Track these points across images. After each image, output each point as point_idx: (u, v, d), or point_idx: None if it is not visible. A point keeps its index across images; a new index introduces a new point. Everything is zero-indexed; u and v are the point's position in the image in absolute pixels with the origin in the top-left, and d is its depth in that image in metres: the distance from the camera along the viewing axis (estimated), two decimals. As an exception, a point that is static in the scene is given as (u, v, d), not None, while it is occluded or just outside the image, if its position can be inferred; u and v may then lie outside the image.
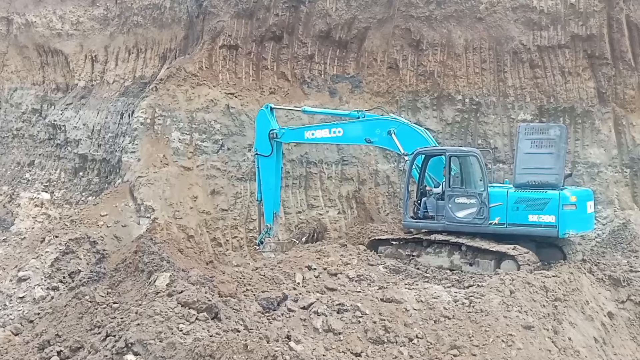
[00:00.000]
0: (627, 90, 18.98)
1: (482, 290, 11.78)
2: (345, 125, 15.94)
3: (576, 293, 12.10)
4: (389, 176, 18.59)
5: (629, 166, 18.46)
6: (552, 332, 10.93)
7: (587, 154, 18.47)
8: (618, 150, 18.73)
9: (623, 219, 17.00)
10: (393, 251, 15.15)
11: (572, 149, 18.89)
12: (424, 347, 10.30)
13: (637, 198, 18.21)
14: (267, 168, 16.24)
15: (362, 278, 12.48)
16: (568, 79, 19.20)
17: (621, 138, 18.86)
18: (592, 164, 18.34)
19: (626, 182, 18.32)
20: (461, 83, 19.21)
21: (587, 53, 19.18)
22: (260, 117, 16.48)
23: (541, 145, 14.08)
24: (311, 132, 16.14)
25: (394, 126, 15.31)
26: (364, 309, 11.02)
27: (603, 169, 18.31)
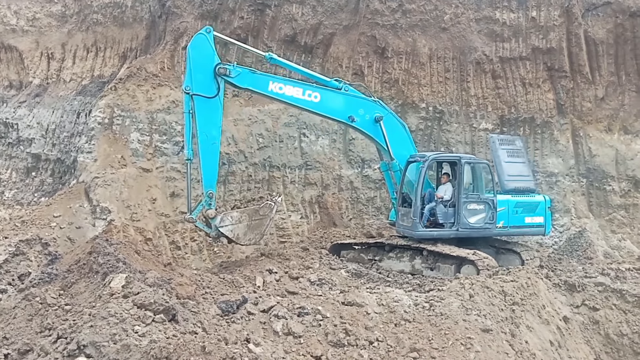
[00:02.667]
0: (585, 102, 19.70)
1: (442, 294, 11.97)
2: (326, 92, 13.67)
3: (533, 297, 12.40)
4: (352, 181, 18.75)
5: (585, 176, 19.13)
6: (509, 336, 11.18)
7: (545, 164, 19.05)
8: (575, 161, 19.41)
9: (579, 227, 17.57)
10: (355, 255, 15.28)
11: (531, 158, 19.46)
12: (384, 350, 10.38)
13: (592, 207, 18.89)
14: (209, 114, 12.58)
15: (323, 282, 12.51)
16: (528, 90, 19.82)
17: (578, 149, 19.56)
18: (551, 173, 18.93)
19: (582, 192, 18.99)
20: (425, 91, 19.58)
21: (546, 65, 19.85)
22: (199, 45, 12.67)
23: (513, 154, 15.22)
24: (279, 85, 13.29)
25: (381, 112, 14.25)
26: (324, 312, 11.04)
27: (561, 179, 18.93)
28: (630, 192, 18.76)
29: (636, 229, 18.37)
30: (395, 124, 14.65)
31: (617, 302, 13.34)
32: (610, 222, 18.49)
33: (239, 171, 17.76)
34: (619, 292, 13.40)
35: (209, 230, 13.40)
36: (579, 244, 16.04)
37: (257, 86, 13.34)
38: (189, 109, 12.67)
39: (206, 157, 12.92)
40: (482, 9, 19.61)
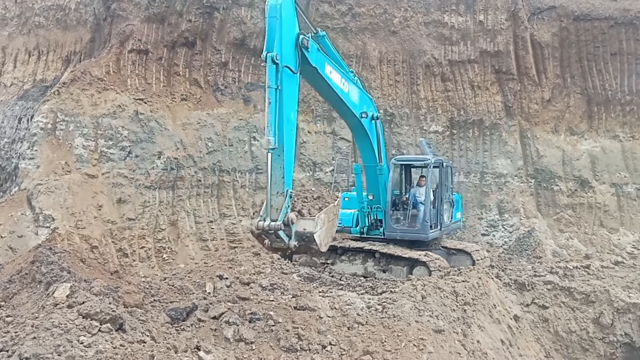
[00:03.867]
0: (532, 104, 20.34)
1: (395, 296, 12.08)
2: (351, 83, 12.80)
3: (484, 297, 12.68)
4: (304, 185, 18.79)
5: (533, 177, 19.74)
6: (461, 335, 11.39)
7: (494, 165, 19.58)
8: (523, 162, 20.00)
9: (528, 227, 18.10)
10: (307, 259, 15.27)
11: (480, 160, 19.97)
12: (337, 354, 10.40)
13: (541, 207, 19.50)
14: (291, 93, 10.18)
15: (275, 287, 12.44)
16: (477, 92, 20.34)
17: (526, 150, 20.16)
18: (500, 174, 19.46)
19: (531, 192, 19.58)
20: (376, 94, 19.81)
21: (494, 68, 20.42)
22: (288, 7, 10.22)
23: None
24: (330, 68, 11.87)
25: (376, 112, 13.56)
26: (276, 317, 10.98)
27: (510, 179, 19.47)
28: (576, 192, 19.46)
29: (583, 228, 19.06)
30: (381, 126, 14.15)
31: (565, 299, 13.79)
32: (558, 222, 19.13)
33: (187, 176, 17.56)
34: (567, 290, 13.85)
35: (287, 239, 10.34)
36: (528, 243, 16.54)
37: (320, 66, 11.38)
38: (277, 84, 9.70)
39: (289, 147, 10.29)
40: (431, 13, 20.04)
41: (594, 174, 19.87)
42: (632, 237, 18.91)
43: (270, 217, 9.73)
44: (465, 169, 19.35)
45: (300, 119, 19.31)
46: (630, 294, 13.80)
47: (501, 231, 18.91)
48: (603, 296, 13.56)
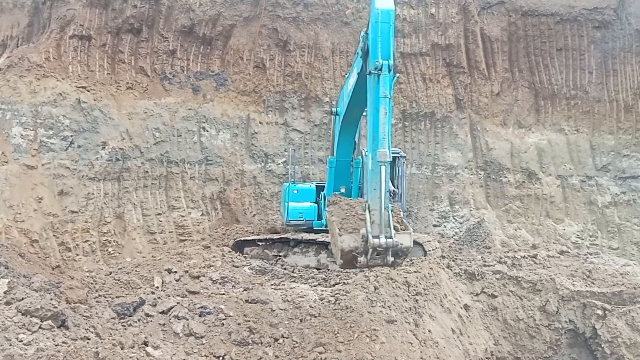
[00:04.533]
0: (482, 97, 20.77)
1: (348, 288, 12.16)
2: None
3: (435, 287, 12.91)
4: (255, 176, 18.66)
5: (483, 168, 20.18)
6: (413, 325, 11.57)
7: (445, 157, 19.93)
8: (473, 154, 20.43)
9: (478, 218, 18.51)
10: (259, 252, 15.21)
11: (432, 152, 20.29)
12: (290, 347, 10.39)
13: (490, 198, 19.99)
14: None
15: (226, 280, 12.33)
16: (429, 85, 20.63)
17: (476, 142, 20.60)
18: (450, 166, 19.82)
19: (481, 184, 20.04)
20: (328, 85, 19.85)
21: (445, 61, 20.75)
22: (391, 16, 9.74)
23: None
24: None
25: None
26: (227, 311, 10.90)
27: (460, 171, 19.86)
28: (524, 184, 20.02)
29: (530, 219, 19.64)
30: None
31: (513, 288, 14.17)
32: (506, 213, 19.65)
33: (134, 167, 17.12)
34: (515, 279, 14.24)
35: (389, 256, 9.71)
36: (478, 234, 16.91)
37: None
38: (391, 93, 9.58)
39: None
40: (383, 5, 20.15)
41: (540, 166, 20.49)
42: (576, 227, 19.63)
43: (382, 233, 9.16)
44: (417, 161, 19.61)
45: (251, 109, 19.17)
46: (574, 282, 14.31)
47: (452, 222, 19.29)
48: (549, 285, 14.00)
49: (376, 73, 9.18)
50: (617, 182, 20.57)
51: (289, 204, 15.11)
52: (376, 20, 9.25)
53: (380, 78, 9.18)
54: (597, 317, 13.30)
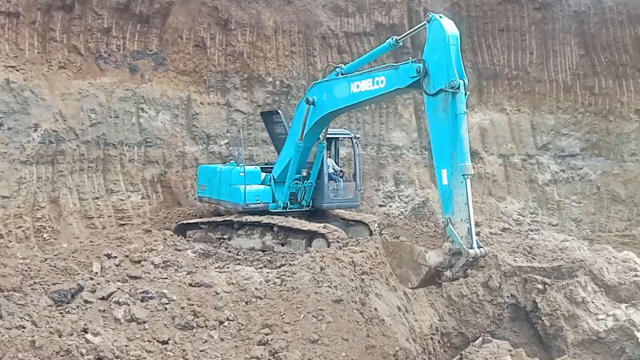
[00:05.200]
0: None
1: (294, 269, 12.28)
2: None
3: (381, 266, 13.19)
4: (197, 158, 18.45)
5: (427, 148, 20.61)
6: (359, 304, 11.79)
7: (391, 137, 20.25)
8: (418, 134, 20.83)
9: (423, 197, 18.94)
10: (202, 235, 15.15)
11: (377, 132, 20.57)
12: (235, 329, 10.44)
13: (434, 178, 20.41)
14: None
15: (168, 264, 12.25)
16: (373, 65, 20.74)
17: (421, 122, 21.00)
18: (395, 146, 20.16)
19: (425, 164, 20.48)
20: (271, 65, 19.76)
21: (390, 41, 20.96)
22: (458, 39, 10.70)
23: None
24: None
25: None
26: (171, 295, 10.84)
27: (405, 151, 20.24)
28: (467, 163, 20.53)
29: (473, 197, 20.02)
30: None
31: (457, 265, 14.59)
32: (450, 192, 20.13)
33: (69, 150, 16.58)
34: (459, 256, 14.66)
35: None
36: (423, 213, 17.33)
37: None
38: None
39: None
40: (327, -17, 20.20)
41: (483, 146, 21.09)
42: (518, 205, 20.37)
43: (474, 244, 9.72)
44: (362, 141, 19.81)
45: (192, 89, 18.89)
46: (516, 258, 14.90)
47: (397, 202, 19.66)
48: (491, 261, 14.53)
49: (452, 91, 9.95)
50: (557, 160, 21.41)
51: (246, 187, 15.02)
52: (446, 42, 10.18)
53: (457, 96, 10.00)
54: (537, 292, 13.90)
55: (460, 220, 9.83)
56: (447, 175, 10.12)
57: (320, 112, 14.01)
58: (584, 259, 14.88)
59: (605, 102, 21.54)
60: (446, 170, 10.12)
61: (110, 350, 8.79)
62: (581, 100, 21.81)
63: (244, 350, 9.77)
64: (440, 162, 10.37)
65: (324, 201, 15.61)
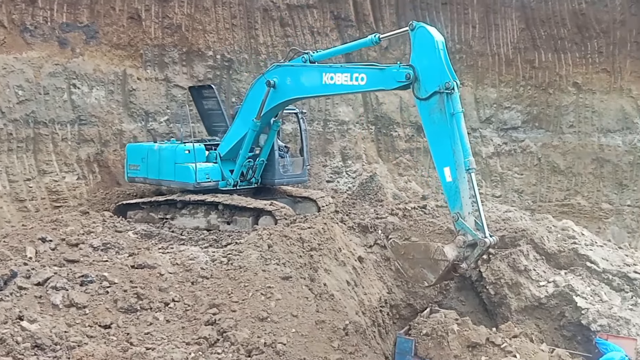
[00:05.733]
0: (370, 52, 21.13)
1: (241, 247, 12.18)
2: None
3: (330, 242, 13.22)
4: (136, 136, 17.90)
5: (373, 123, 20.72)
6: (308, 280, 11.81)
7: (337, 112, 20.21)
8: (364, 109, 20.88)
9: (370, 172, 19.06)
10: (144, 215, 14.81)
11: (323, 107, 20.50)
12: (182, 310, 10.31)
13: (381, 152, 20.64)
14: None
15: (109, 246, 11.92)
16: (317, 38, 20.66)
17: (366, 97, 21.05)
18: (342, 121, 20.15)
19: (372, 138, 20.59)
20: (211, 38, 19.29)
21: (333, 14, 20.85)
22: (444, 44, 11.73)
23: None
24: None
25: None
26: (112, 278, 10.58)
27: (352, 126, 20.27)
28: (413, 137, 20.80)
29: (420, 171, 20.53)
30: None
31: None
32: (397, 166, 20.38)
33: (-5, 129, 15.84)
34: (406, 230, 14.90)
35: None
36: (370, 188, 17.44)
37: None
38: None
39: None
40: (267, -46, 19.80)
41: (428, 120, 21.37)
42: (463, 177, 20.73)
43: (487, 233, 10.45)
44: (308, 116, 19.69)
45: (127, 64, 18.27)
46: (462, 230, 15.21)
47: (345, 177, 19.72)
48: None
49: (447, 92, 10.74)
50: (500, 133, 21.92)
51: (196, 165, 14.68)
52: (435, 47, 11.08)
53: (453, 96, 10.79)
54: (482, 261, 14.26)
55: (468, 213, 10.53)
56: (450, 172, 10.73)
57: (282, 97, 14.02)
58: (526, 228, 15.35)
59: (545, 75, 22.12)
60: (449, 168, 10.74)
61: (49, 337, 8.53)
62: (522, 74, 22.32)
63: (191, 331, 9.66)
64: (442, 160, 10.93)
65: (274, 178, 15.57)
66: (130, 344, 8.81)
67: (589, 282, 14.23)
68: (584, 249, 15.19)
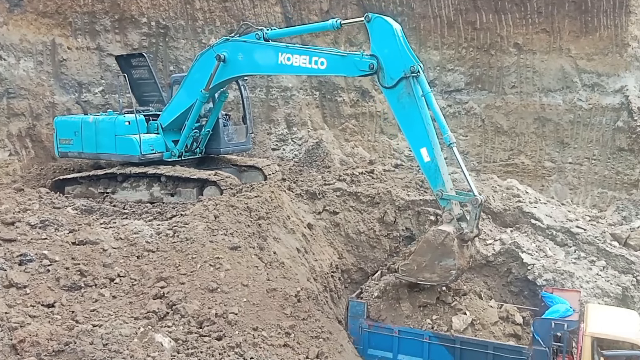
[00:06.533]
0: (311, 16, 20.97)
1: (186, 219, 12.09)
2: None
3: (278, 210, 13.27)
4: (69, 109, 17.33)
5: (317, 89, 20.65)
6: (258, 250, 11.87)
7: (279, 79, 20.02)
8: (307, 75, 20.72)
9: (316, 139, 19.07)
10: (83, 190, 14.47)
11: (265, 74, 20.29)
12: (128, 285, 10.19)
13: (327, 118, 20.62)
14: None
15: (47, 223, 11.60)
16: (256, 3, 20.32)
17: (309, 62, 20.90)
18: (285, 87, 19.99)
19: (316, 104, 20.54)
20: (145, 5, 18.71)
21: (272, -22, 20.50)
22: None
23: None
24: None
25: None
26: (52, 256, 10.34)
27: (295, 93, 20.15)
28: (358, 102, 20.85)
29: (366, 136, 20.65)
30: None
31: (353, 204, 15.04)
32: (343, 132, 20.43)
33: None
34: (354, 195, 15.10)
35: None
36: (317, 154, 17.53)
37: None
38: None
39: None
40: None
41: (372, 84, 21.37)
42: (409, 141, 21.02)
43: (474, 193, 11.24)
44: (250, 83, 19.46)
45: (56, 33, 17.57)
46: (409, 192, 15.52)
47: (291, 144, 19.66)
48: (386, 197, 15.05)
49: (414, 75, 11.37)
50: (444, 95, 22.18)
51: (140, 137, 14.31)
52: (394, 35, 11.60)
53: (419, 79, 11.45)
54: (430, 223, 14.62)
55: (450, 188, 11.36)
56: (427, 152, 11.39)
57: (233, 72, 13.93)
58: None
59: (487, 36, 22.41)
60: (425, 148, 11.40)
61: (-12, 319, 8.29)
62: (464, 36, 22.54)
63: (139, 306, 9.57)
64: (418, 142, 11.54)
65: (220, 147, 15.51)
66: (76, 322, 8.66)
67: (534, 239, 14.80)
68: (529, 207, 15.76)
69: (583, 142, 19.49)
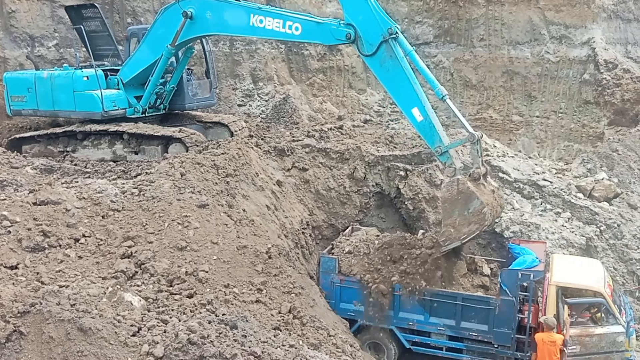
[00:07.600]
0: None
1: (152, 177, 11.97)
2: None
3: (246, 167, 13.21)
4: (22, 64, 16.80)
5: (283, 42, 20.36)
6: (226, 207, 11.84)
7: (243, 32, 19.69)
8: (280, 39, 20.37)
9: (283, 94, 18.92)
10: (42, 149, 14.16)
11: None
12: (94, 245, 10.11)
13: (293, 73, 20.40)
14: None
15: (5, 184, 11.38)
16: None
17: (274, 13, 20.54)
18: (250, 41, 19.66)
19: (283, 58, 20.27)
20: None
21: None
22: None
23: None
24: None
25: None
26: (13, 217, 10.15)
27: (260, 46, 19.84)
28: (326, 56, 20.64)
29: (334, 91, 20.54)
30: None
31: (323, 160, 15.05)
32: (311, 87, 20.27)
33: None
34: (324, 151, 15.10)
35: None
36: (284, 110, 17.42)
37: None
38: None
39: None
40: None
41: (339, 37, 21.25)
42: (378, 96, 20.98)
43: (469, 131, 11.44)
44: (213, 37, 19.11)
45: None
46: (378, 148, 15.61)
47: (257, 100, 19.46)
48: (356, 153, 15.09)
49: (392, 37, 11.38)
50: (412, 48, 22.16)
51: (102, 93, 13.92)
52: (366, 0, 11.44)
53: (399, 40, 11.52)
54: (400, 178, 14.76)
55: (448, 142, 11.54)
56: (420, 112, 11.41)
57: (200, 31, 13.63)
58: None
59: (455, -13, 22.38)
60: (417, 108, 11.41)
61: (-52, 283, 8.16)
62: (432, -14, 22.47)
63: (106, 266, 9.53)
64: (408, 103, 11.55)
65: (184, 102, 15.28)
66: (42, 283, 8.58)
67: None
68: (497, 161, 16.03)
69: (550, 95, 19.76)
